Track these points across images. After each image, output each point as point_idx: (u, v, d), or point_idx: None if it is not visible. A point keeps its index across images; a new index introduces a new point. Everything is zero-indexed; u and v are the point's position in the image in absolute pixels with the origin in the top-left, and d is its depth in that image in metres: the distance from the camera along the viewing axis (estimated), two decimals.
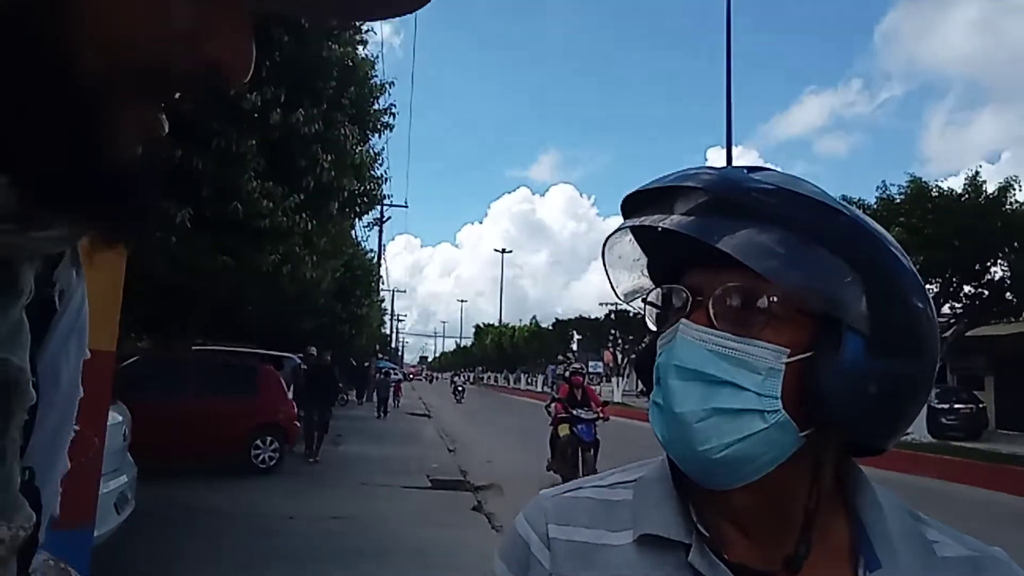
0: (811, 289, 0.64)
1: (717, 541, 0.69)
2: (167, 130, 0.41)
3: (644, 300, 0.78)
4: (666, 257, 0.75)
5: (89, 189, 0.38)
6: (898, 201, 17.49)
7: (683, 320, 0.68)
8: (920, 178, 17.57)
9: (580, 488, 0.80)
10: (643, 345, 0.80)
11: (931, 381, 0.69)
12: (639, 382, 0.82)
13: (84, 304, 0.57)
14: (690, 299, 0.69)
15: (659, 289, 0.76)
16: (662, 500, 0.73)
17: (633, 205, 0.74)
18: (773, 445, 0.65)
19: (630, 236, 0.77)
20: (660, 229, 0.68)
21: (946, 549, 0.69)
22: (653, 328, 0.75)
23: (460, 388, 43.38)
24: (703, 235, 0.65)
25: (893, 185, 17.81)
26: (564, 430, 10.18)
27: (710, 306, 0.67)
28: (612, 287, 0.82)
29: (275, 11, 0.50)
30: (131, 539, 5.63)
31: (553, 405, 10.87)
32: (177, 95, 0.40)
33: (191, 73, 0.39)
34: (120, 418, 5.54)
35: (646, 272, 0.80)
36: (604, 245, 0.78)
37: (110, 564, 4.91)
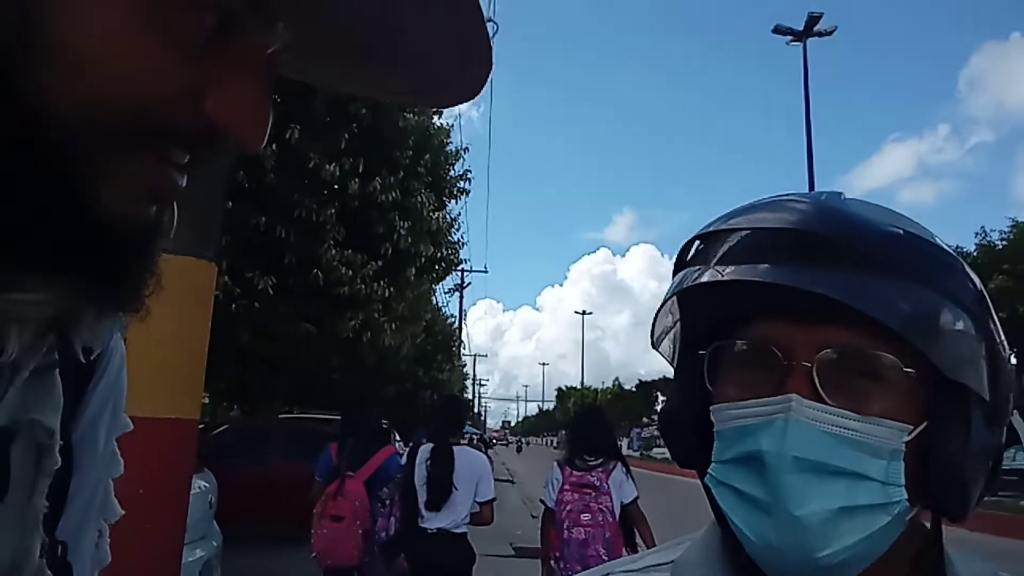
0: (952, 353, 0.55)
1: None
2: (180, 188, 0.38)
3: (696, 354, 0.64)
4: (714, 303, 0.62)
5: (70, 249, 0.35)
6: (1000, 247, 16.58)
7: (794, 396, 0.55)
8: (1023, 222, 16.66)
9: (609, 573, 0.70)
10: (674, 402, 0.68)
11: None
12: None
13: (123, 371, 0.54)
14: (785, 363, 0.57)
15: (724, 344, 0.62)
16: None
17: (707, 247, 0.62)
18: (888, 536, 0.56)
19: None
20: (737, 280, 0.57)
21: None
22: (710, 388, 0.62)
23: None
24: (838, 294, 0.53)
25: (993, 231, 16.95)
26: None
27: (815, 373, 0.55)
28: (652, 337, 0.71)
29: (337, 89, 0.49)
30: None
31: None
32: (181, 154, 0.37)
33: (191, 130, 0.36)
34: (206, 485, 5.62)
35: (677, 317, 0.68)
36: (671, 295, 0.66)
37: None
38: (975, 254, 16.90)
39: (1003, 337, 0.60)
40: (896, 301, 0.54)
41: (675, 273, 0.65)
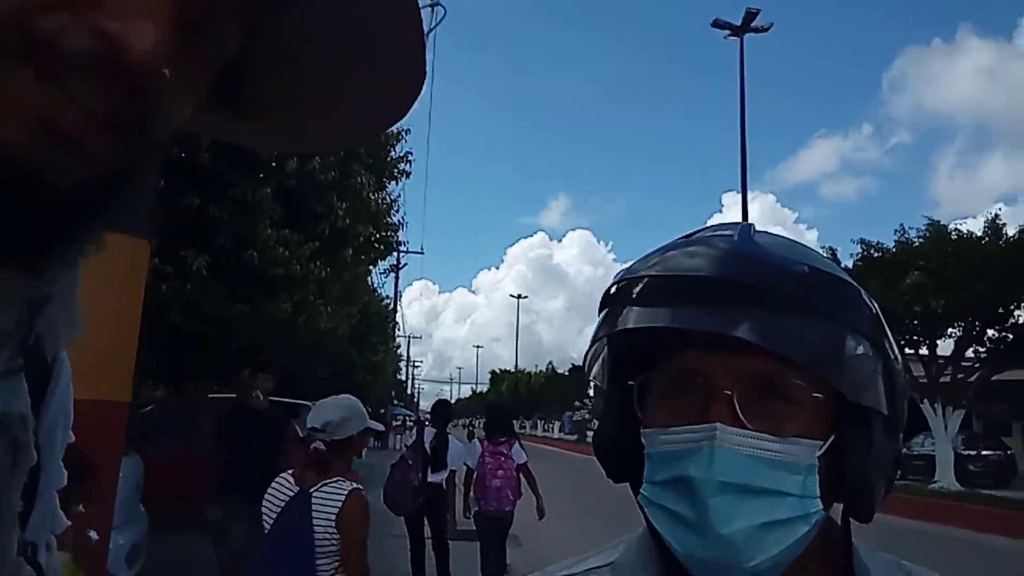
0: (855, 379, 0.61)
1: None
2: (88, 126, 0.33)
3: (625, 383, 0.69)
4: (639, 338, 0.67)
5: None
6: (917, 244, 17.33)
7: (719, 425, 0.61)
8: (939, 221, 17.43)
9: None
10: (606, 426, 0.73)
11: None
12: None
13: (70, 385, 0.53)
14: (708, 391, 0.62)
15: (651, 374, 0.67)
16: None
17: (632, 289, 0.67)
18: (806, 540, 0.62)
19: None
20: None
21: None
22: (640, 416, 0.68)
23: None
24: (750, 335, 0.59)
25: (912, 228, 17.67)
26: None
27: (735, 400, 0.61)
28: (585, 369, 0.77)
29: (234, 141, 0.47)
30: None
31: None
32: (68, 73, 0.32)
33: (77, 45, 0.32)
34: (133, 467, 5.50)
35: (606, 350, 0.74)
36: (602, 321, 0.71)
37: None
38: (894, 251, 17.60)
39: (897, 353, 0.66)
40: (803, 337, 0.60)
41: (600, 310, 0.70)
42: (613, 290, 0.69)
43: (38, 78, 0.31)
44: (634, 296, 0.66)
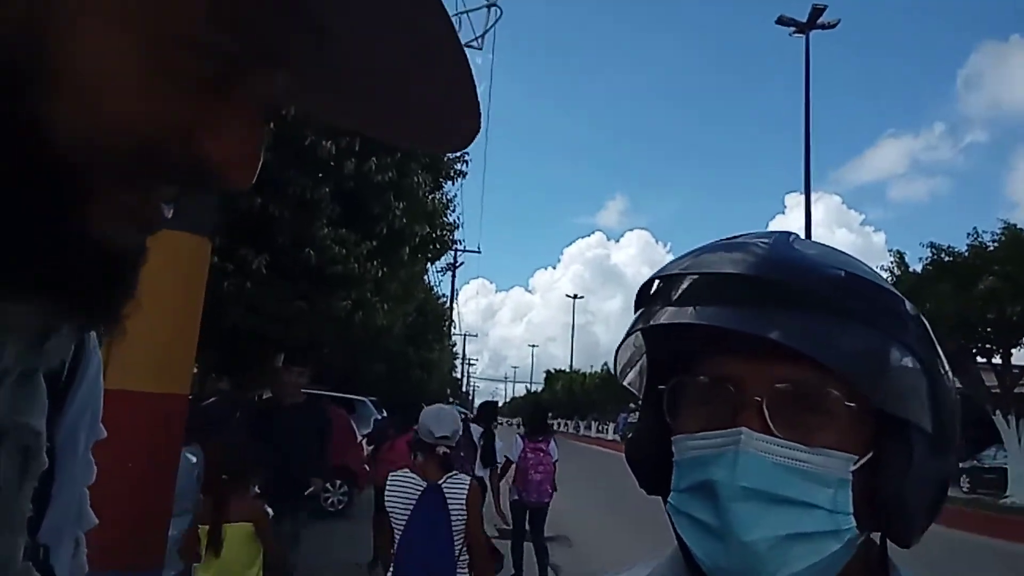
0: (892, 389, 0.58)
1: None
2: (164, 219, 0.39)
3: (657, 389, 0.68)
4: (673, 340, 0.66)
5: (57, 270, 0.36)
6: (991, 248, 16.61)
7: (744, 429, 0.59)
8: (1015, 224, 16.64)
9: None
10: (639, 433, 0.72)
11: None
12: None
13: (99, 378, 0.55)
14: (737, 398, 0.60)
15: (682, 379, 0.65)
16: None
17: (668, 288, 0.66)
18: (838, 561, 0.59)
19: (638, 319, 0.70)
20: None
21: None
22: (669, 422, 0.66)
23: None
24: (783, 338, 0.57)
25: (986, 231, 16.92)
26: None
27: (765, 407, 0.59)
28: (616, 370, 0.76)
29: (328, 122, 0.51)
30: None
31: None
32: (172, 189, 0.39)
33: (185, 167, 0.37)
34: (194, 459, 5.64)
35: (643, 353, 0.73)
36: (631, 332, 0.69)
37: None
38: (967, 255, 16.90)
39: (947, 368, 0.63)
40: (838, 342, 0.57)
41: (636, 309, 0.69)
42: (649, 288, 0.68)
43: (146, 190, 0.38)
44: (668, 294, 0.65)
